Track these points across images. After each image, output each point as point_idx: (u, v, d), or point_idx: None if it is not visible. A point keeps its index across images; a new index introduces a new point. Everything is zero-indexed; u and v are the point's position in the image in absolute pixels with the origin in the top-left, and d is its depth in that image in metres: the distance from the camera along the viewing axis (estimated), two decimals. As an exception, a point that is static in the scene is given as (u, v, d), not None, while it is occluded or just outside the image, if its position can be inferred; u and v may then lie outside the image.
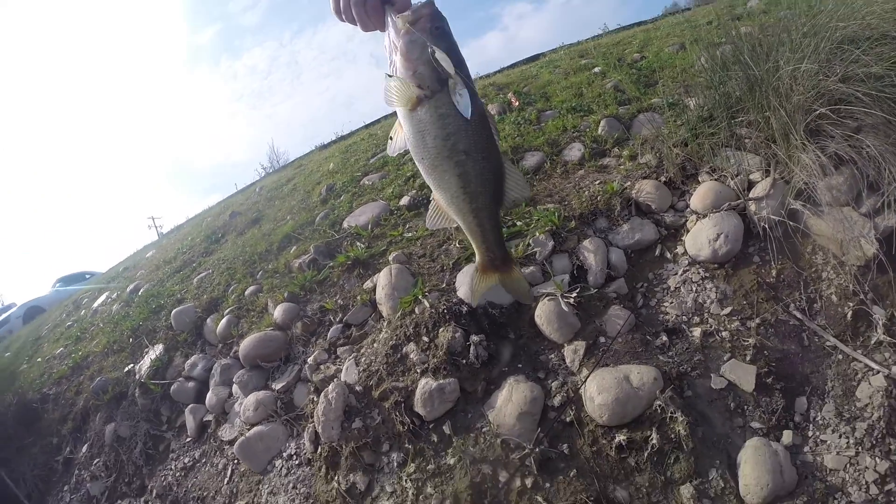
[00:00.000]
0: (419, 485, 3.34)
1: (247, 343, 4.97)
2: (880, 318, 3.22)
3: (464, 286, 4.04)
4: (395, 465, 3.52)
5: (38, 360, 9.04)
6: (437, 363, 3.66)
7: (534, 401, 3.31)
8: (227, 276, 6.95)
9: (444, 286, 4.23)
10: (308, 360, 4.52)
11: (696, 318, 3.54)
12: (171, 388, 5.51)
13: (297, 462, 4.08)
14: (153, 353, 6.08)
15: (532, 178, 5.00)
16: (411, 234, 5.10)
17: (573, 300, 3.66)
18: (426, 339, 3.83)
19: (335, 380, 4.05)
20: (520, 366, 3.62)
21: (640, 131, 5.10)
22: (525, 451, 3.15)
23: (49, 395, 7.05)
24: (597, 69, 7.80)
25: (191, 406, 5.26)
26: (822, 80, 3.56)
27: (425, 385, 3.60)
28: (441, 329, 3.80)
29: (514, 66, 12.86)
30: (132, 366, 6.20)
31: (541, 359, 3.62)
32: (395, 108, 1.40)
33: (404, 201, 5.85)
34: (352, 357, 4.19)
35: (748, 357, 3.23)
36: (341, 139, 15.52)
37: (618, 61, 7.81)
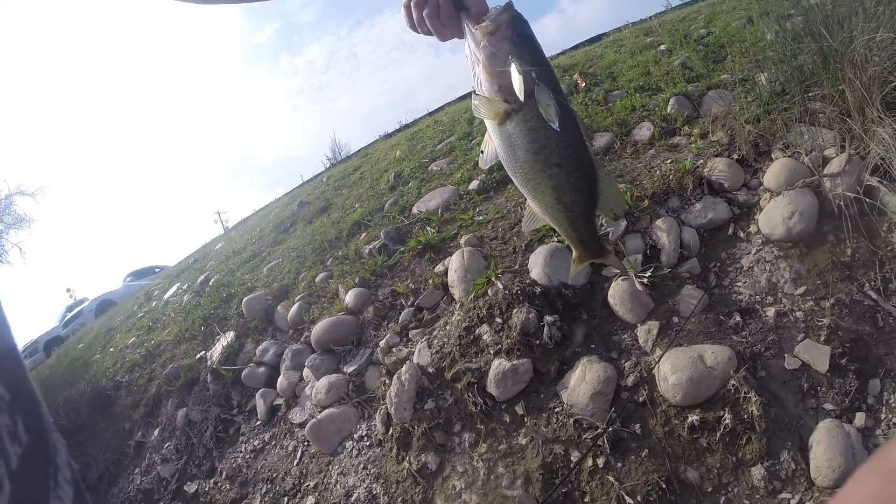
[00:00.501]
0: (490, 464, 3.38)
1: (319, 328, 5.05)
2: (961, 302, 3.14)
3: (537, 267, 4.05)
4: (467, 445, 3.56)
5: (111, 349, 9.30)
6: (511, 344, 3.69)
7: (607, 381, 3.32)
8: (297, 263, 7.05)
9: (516, 268, 4.23)
10: (380, 344, 4.57)
11: (770, 298, 3.48)
12: (243, 374, 5.61)
13: (367, 443, 4.14)
14: (224, 340, 6.22)
15: (603, 159, 4.97)
16: (482, 218, 5.11)
17: (646, 280, 3.66)
18: (499, 320, 3.85)
19: (407, 362, 4.11)
20: (593, 346, 3.62)
21: (711, 108, 5.01)
22: (598, 430, 3.16)
23: (122, 382, 7.28)
24: (663, 47, 7.67)
25: (261, 390, 5.36)
26: (901, 49, 3.48)
27: (498, 366, 3.63)
28: (514, 310, 3.81)
29: (576, 48, 12.70)
30: (204, 353, 6.35)
31: (614, 339, 3.61)
32: (486, 119, 1.32)
33: (473, 185, 5.84)
34: (424, 340, 4.24)
35: (822, 338, 3.16)
36: (406, 127, 15.50)
37: (684, 38, 7.66)
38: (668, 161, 4.44)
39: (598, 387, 3.30)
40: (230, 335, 6.25)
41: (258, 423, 5.23)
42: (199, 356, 6.33)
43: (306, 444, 4.56)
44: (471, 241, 4.76)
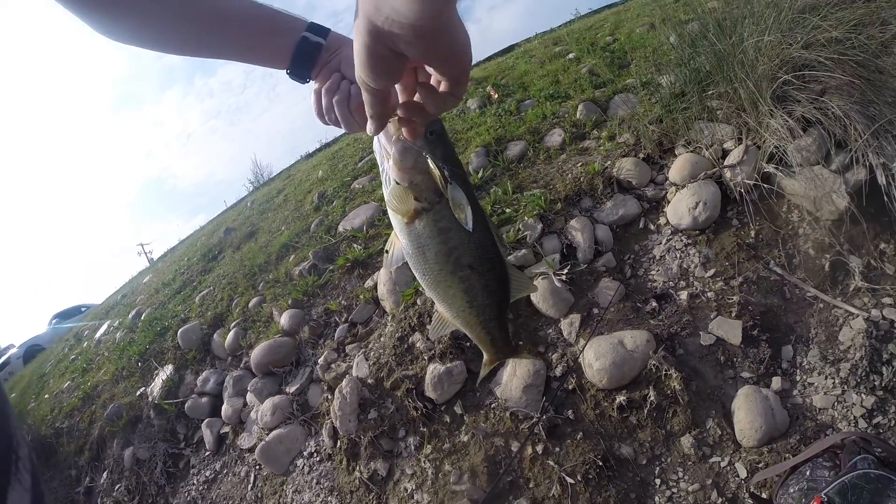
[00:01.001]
0: (437, 464, 3.52)
1: (257, 352, 5.09)
2: (857, 267, 3.40)
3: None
4: (413, 448, 3.69)
5: (46, 396, 9.01)
6: (443, 349, 3.85)
7: (537, 373, 3.50)
8: (230, 290, 7.03)
9: (442, 276, 4.34)
10: (319, 361, 4.65)
11: (683, 283, 3.70)
12: (186, 406, 5.60)
13: (318, 458, 4.21)
14: (164, 374, 6.15)
15: (517, 166, 5.12)
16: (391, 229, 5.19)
17: (565, 277, 3.82)
18: (430, 327, 3.99)
19: (347, 376, 4.20)
20: (521, 343, 3.77)
21: (617, 112, 5.23)
22: (533, 420, 3.34)
23: (62, 428, 7.07)
24: (571, 55, 7.89)
25: (207, 420, 5.35)
26: (785, 48, 3.70)
27: (434, 370, 3.77)
28: (443, 317, 3.95)
29: (490, 59, 12.87)
30: (144, 389, 6.26)
31: (540, 334, 3.77)
32: (393, 215, 1.21)
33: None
34: (361, 353, 4.34)
35: (734, 313, 3.39)
36: (326, 146, 15.46)
37: (591, 45, 7.89)
38: (579, 164, 4.60)
39: (528, 380, 3.48)
40: (169, 368, 6.18)
41: (207, 453, 5.22)
42: (139, 393, 6.25)
43: (258, 467, 4.60)
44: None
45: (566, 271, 3.84)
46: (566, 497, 3.04)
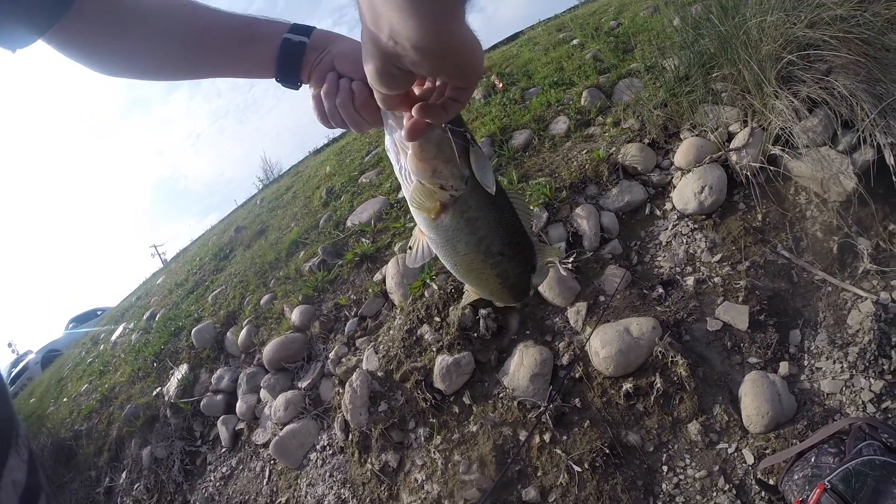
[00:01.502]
0: (447, 454, 3.53)
1: (269, 349, 5.13)
2: (865, 249, 3.36)
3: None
4: (423, 439, 3.71)
5: (65, 399, 9.11)
6: (451, 340, 3.84)
7: (543, 362, 3.50)
8: (241, 288, 7.08)
9: (448, 268, 4.35)
10: (329, 356, 4.69)
11: (689, 268, 3.68)
12: (201, 404, 5.66)
13: (330, 452, 4.24)
14: (179, 374, 6.22)
15: (522, 155, 5.11)
16: (413, 224, 5.20)
17: (571, 265, 3.82)
18: (438, 319, 4.01)
19: (357, 369, 4.23)
20: (528, 332, 3.78)
21: (622, 97, 5.19)
22: (540, 409, 3.34)
23: (81, 430, 7.16)
24: (575, 41, 7.83)
25: (222, 417, 5.40)
26: (789, 28, 3.65)
27: (442, 361, 3.79)
28: (451, 308, 3.97)
29: (494, 48, 12.76)
30: (160, 389, 6.32)
31: (546, 323, 3.77)
32: (418, 212, 1.15)
33: (402, 193, 5.86)
34: (370, 346, 4.37)
35: (740, 298, 3.37)
36: (334, 141, 15.42)
37: (595, 31, 7.84)
38: (584, 151, 4.59)
39: (536, 369, 3.48)
40: (184, 368, 6.25)
41: (223, 449, 5.28)
42: (155, 393, 6.31)
43: (273, 462, 4.64)
44: (404, 247, 4.89)
45: (572, 259, 3.84)
46: (573, 485, 3.05)
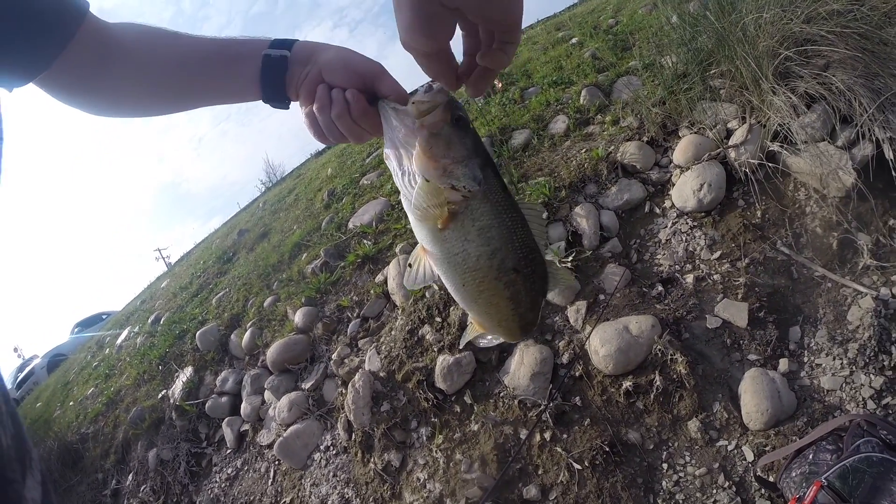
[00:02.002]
0: (448, 453, 3.55)
1: (273, 350, 5.16)
2: (865, 244, 3.36)
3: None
4: (425, 438, 3.73)
5: (71, 403, 9.17)
6: (452, 339, 3.87)
7: (544, 361, 3.51)
8: (245, 291, 7.11)
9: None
10: (332, 357, 4.70)
11: (689, 266, 3.69)
12: (206, 406, 5.67)
13: (334, 452, 4.27)
14: (184, 376, 6.25)
15: (521, 155, 5.11)
16: (414, 226, 5.22)
17: (570, 264, 3.83)
18: (439, 319, 4.03)
19: (360, 370, 4.26)
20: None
21: (621, 96, 5.20)
22: (541, 407, 3.36)
23: (88, 433, 7.21)
24: (574, 40, 7.86)
25: (227, 419, 5.43)
26: (786, 23, 3.65)
27: (443, 361, 3.80)
28: (451, 308, 4.00)
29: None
30: (165, 391, 6.36)
31: (546, 322, 3.78)
32: (422, 224, 1.02)
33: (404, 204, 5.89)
34: (372, 347, 4.39)
35: (740, 295, 3.37)
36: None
37: (594, 29, 7.87)
38: (584, 150, 4.59)
39: (536, 368, 3.49)
40: (188, 370, 6.28)
41: (228, 451, 5.31)
42: (160, 395, 6.35)
43: (277, 462, 4.67)
44: (405, 248, 4.94)
45: (571, 258, 3.85)
46: (574, 483, 3.06)
